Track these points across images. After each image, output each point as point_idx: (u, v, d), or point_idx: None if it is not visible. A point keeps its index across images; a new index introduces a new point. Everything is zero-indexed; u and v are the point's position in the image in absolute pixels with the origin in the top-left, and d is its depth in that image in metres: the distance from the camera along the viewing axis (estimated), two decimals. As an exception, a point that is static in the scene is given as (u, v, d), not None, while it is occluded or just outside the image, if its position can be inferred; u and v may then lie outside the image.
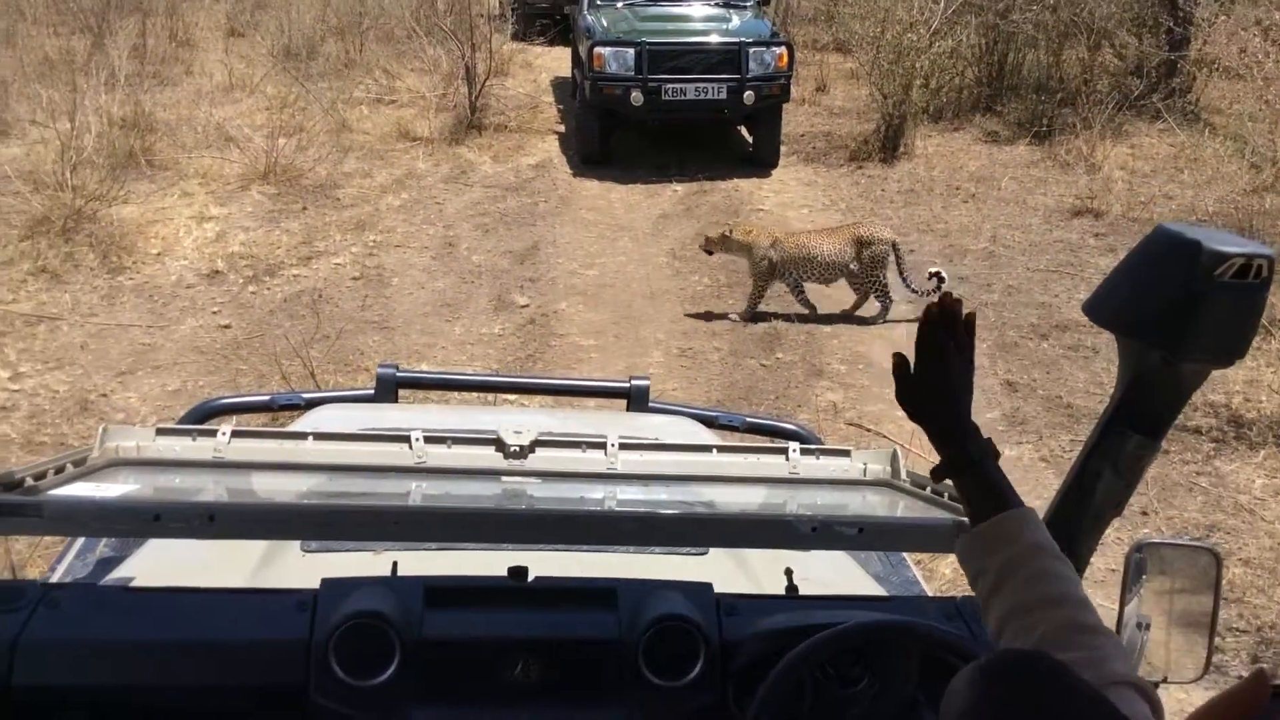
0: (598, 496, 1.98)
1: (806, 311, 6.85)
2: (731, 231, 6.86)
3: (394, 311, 6.78)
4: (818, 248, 6.71)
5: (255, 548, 1.94)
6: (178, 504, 1.59)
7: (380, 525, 1.65)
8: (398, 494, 1.92)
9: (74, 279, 6.93)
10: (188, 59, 12.60)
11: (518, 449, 1.92)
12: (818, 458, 2.02)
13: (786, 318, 6.81)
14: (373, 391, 2.85)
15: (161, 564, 1.92)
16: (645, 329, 6.68)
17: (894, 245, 6.77)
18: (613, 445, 1.96)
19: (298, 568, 1.89)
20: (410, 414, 2.77)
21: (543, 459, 1.93)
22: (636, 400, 2.90)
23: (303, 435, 1.90)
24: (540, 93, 12.44)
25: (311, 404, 2.81)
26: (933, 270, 6.77)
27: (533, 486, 1.93)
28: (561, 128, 11.15)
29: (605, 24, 10.01)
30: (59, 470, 1.69)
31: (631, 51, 9.39)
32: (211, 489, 1.86)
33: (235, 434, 1.86)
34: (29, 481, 1.59)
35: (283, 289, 7.03)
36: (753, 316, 6.81)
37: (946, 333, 1.34)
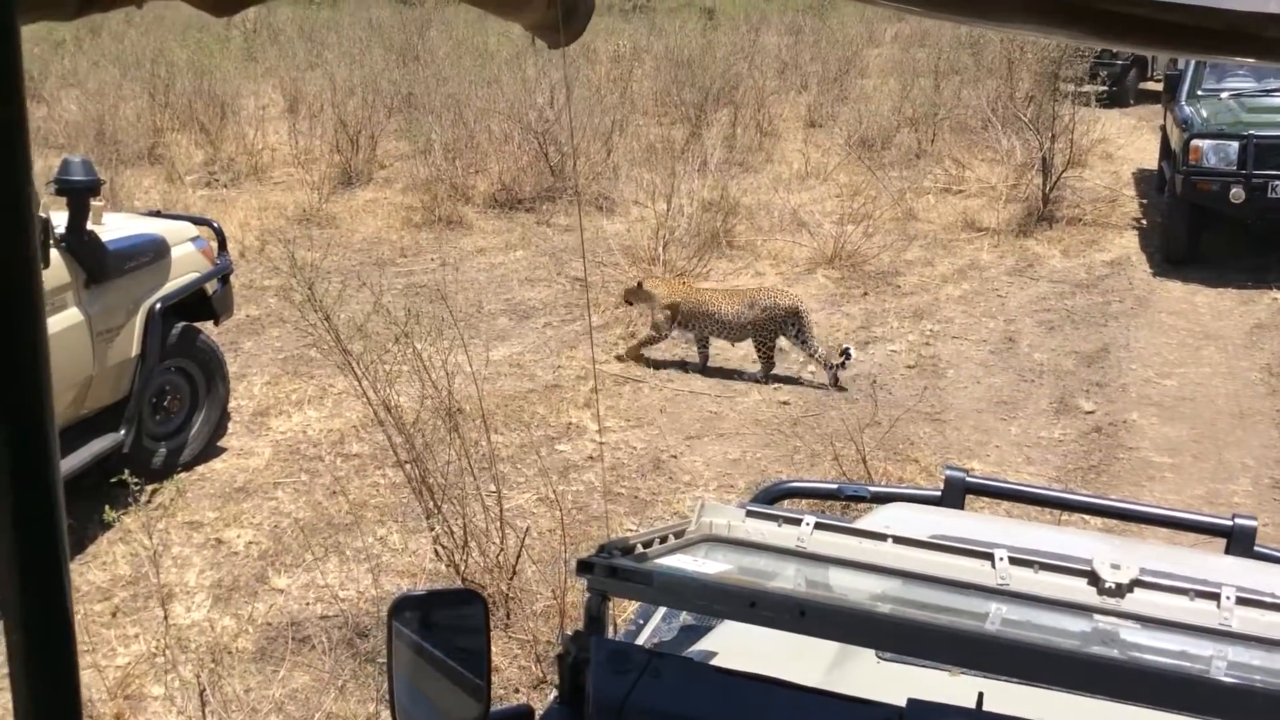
0: (1204, 655, 1.75)
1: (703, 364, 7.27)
2: (642, 284, 7.33)
3: (948, 404, 6.67)
4: (717, 306, 7.02)
5: (831, 643, 1.95)
6: (772, 594, 1.63)
7: (962, 649, 1.58)
8: (976, 614, 1.82)
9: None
10: (770, 148, 13.51)
11: (1114, 586, 1.75)
12: None
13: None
14: (939, 493, 2.78)
15: (743, 643, 1.99)
16: (1231, 452, 5.96)
17: (796, 312, 6.87)
18: (1228, 598, 1.72)
19: (873, 674, 1.87)
20: (983, 525, 2.65)
21: (1141, 601, 1.74)
22: (1239, 542, 2.54)
23: (882, 536, 1.89)
24: (1120, 185, 11.75)
25: (878, 499, 2.81)
26: (845, 346, 7.00)
27: (1128, 631, 1.75)
28: (1143, 223, 10.42)
29: (1205, 115, 9.25)
30: (663, 540, 1.82)
31: (1235, 145, 8.61)
32: (793, 578, 1.90)
33: (818, 525, 1.88)
34: (639, 548, 1.73)
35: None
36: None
37: None
